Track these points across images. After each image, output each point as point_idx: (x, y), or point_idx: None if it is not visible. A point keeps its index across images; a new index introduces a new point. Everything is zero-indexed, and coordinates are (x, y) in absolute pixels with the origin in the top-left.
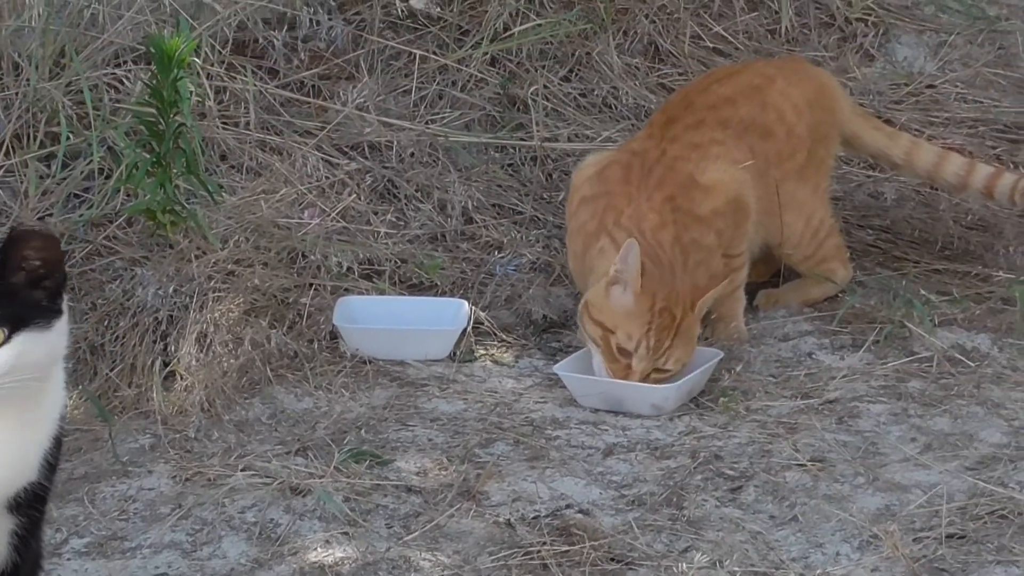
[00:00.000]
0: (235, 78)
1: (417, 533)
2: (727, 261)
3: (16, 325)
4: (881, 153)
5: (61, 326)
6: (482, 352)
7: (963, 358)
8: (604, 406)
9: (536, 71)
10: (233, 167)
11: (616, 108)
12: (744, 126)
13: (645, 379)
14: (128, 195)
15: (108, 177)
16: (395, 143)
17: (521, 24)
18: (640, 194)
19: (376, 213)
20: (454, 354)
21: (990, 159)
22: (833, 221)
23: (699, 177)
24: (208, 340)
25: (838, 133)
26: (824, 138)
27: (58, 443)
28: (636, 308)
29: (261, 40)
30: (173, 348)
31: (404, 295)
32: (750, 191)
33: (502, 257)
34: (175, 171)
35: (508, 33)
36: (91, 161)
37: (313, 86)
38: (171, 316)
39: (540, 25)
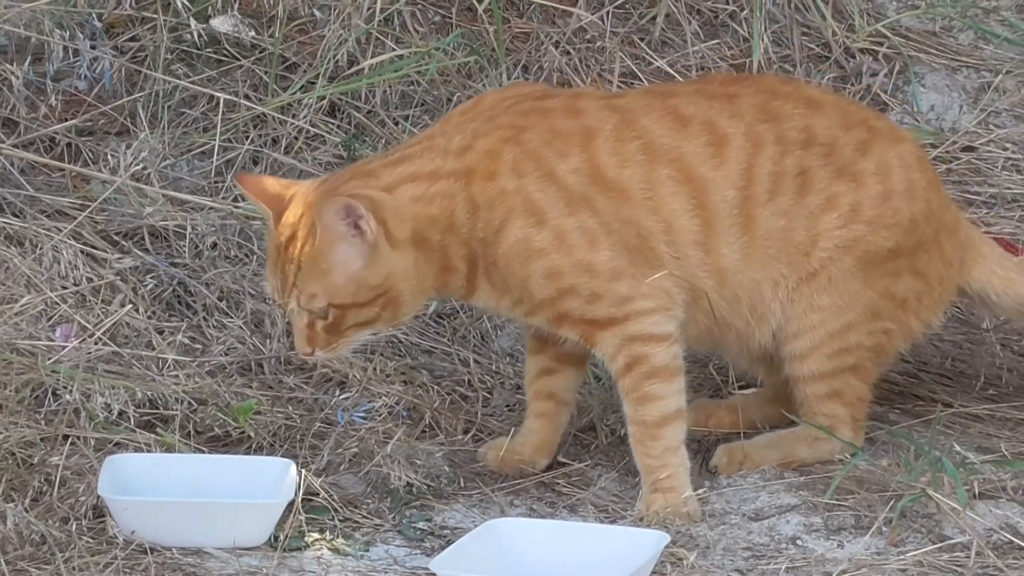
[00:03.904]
0: None
1: None
2: None
3: None
4: None
5: None
6: (316, 536)
7: (1017, 541)
8: None
9: (396, 123)
10: None
11: None
12: (811, 141)
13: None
14: None
15: None
16: (189, 229)
17: (373, 55)
18: None
19: (161, 332)
20: (275, 538)
21: None
22: (873, 372)
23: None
24: None
25: (956, 289)
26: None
27: None
28: None
29: None
30: None
31: (202, 452)
32: None
33: (346, 398)
34: None
35: (355, 68)
36: None
37: (69, 144)
38: None
39: (401, 57)
